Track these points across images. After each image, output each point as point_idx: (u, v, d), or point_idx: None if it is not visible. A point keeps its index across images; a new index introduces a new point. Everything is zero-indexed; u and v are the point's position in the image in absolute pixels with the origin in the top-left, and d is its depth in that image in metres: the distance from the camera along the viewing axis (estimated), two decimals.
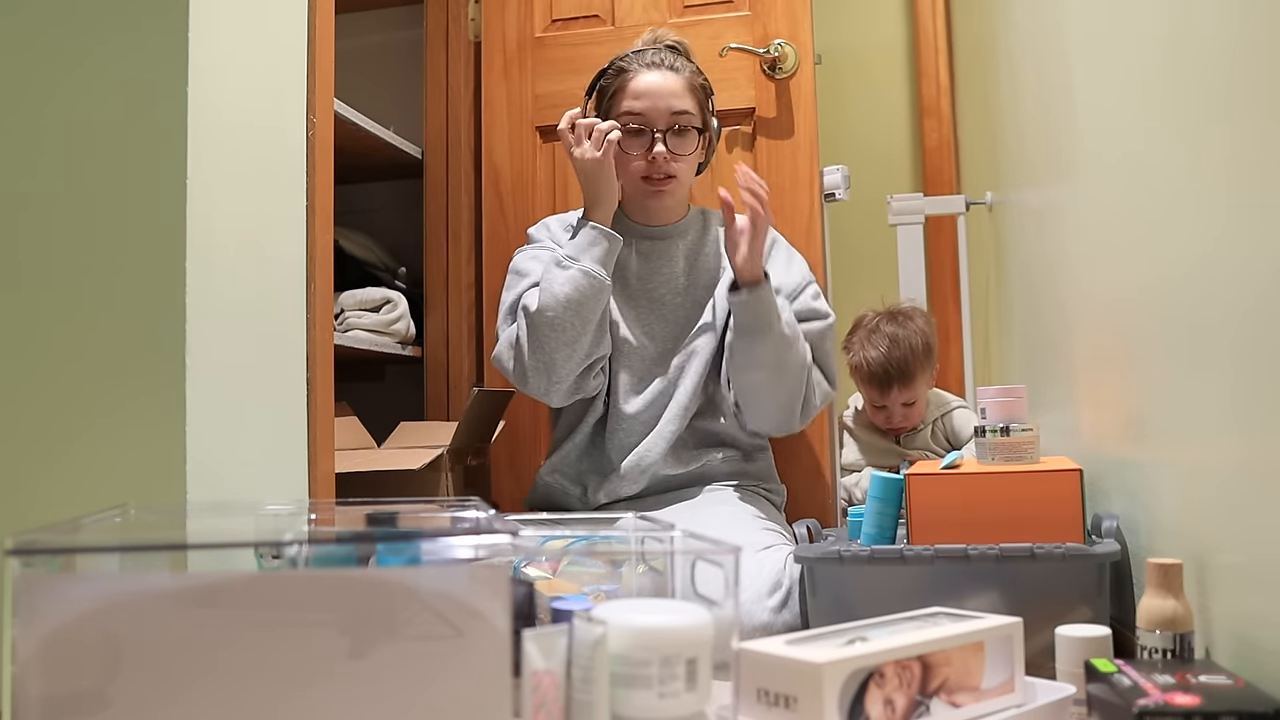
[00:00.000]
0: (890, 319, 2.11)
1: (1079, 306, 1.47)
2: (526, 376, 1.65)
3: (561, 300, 1.60)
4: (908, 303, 2.22)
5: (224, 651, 0.77)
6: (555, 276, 1.62)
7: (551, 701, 0.85)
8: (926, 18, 2.88)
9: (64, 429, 1.25)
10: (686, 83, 1.73)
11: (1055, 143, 1.58)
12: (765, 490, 1.80)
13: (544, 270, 1.65)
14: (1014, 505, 1.23)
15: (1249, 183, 0.87)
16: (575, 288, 1.61)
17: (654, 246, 1.78)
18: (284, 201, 1.45)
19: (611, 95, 1.73)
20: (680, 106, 1.71)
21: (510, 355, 1.67)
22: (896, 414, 2.10)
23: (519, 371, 1.66)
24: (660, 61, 1.73)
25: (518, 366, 1.66)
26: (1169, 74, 1.05)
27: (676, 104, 1.71)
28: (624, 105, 1.71)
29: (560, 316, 1.60)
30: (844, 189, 2.22)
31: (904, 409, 2.09)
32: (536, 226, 1.83)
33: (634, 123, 1.70)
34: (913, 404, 2.08)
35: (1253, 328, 0.87)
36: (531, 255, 1.73)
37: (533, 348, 1.62)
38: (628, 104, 1.70)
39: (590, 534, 1.23)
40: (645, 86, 1.71)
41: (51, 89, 1.28)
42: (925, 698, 0.93)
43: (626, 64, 1.73)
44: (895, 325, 2.10)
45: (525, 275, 1.71)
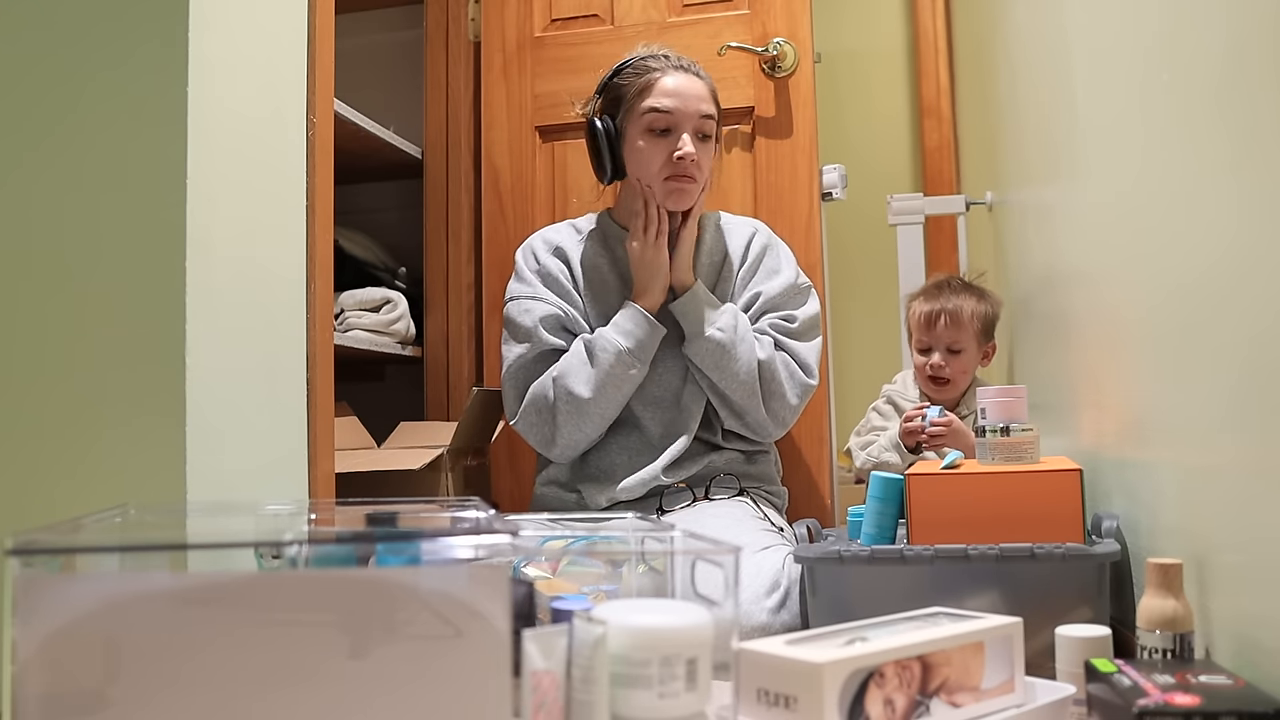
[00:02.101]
0: (964, 283, 2.09)
1: (1079, 306, 1.47)
2: (553, 447, 1.69)
3: (619, 399, 1.67)
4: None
5: (224, 651, 0.77)
6: (615, 370, 1.65)
7: (551, 701, 0.85)
8: (926, 18, 2.88)
9: (64, 429, 1.25)
10: (710, 89, 1.74)
11: (1055, 143, 1.58)
12: (767, 492, 1.80)
13: (600, 355, 1.65)
14: (1014, 505, 1.23)
15: (1250, 182, 0.87)
16: (631, 386, 1.68)
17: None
18: (284, 201, 1.45)
19: (636, 93, 1.71)
20: (707, 110, 1.72)
21: (539, 423, 1.69)
22: (940, 356, 2.00)
23: (545, 441, 1.70)
24: (687, 66, 1.74)
25: (545, 435, 1.69)
26: (1170, 73, 1.05)
27: (704, 107, 1.71)
28: (651, 102, 1.69)
29: (609, 410, 1.67)
30: (841, 188, 2.22)
31: (950, 355, 2.00)
32: (523, 252, 1.82)
33: (662, 122, 1.69)
34: (959, 353, 2.00)
35: (1253, 328, 0.87)
36: (525, 308, 1.73)
37: (571, 429, 1.66)
38: (656, 101, 1.69)
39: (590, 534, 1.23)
40: (675, 86, 1.70)
41: (51, 89, 1.28)
42: (925, 698, 0.93)
43: (653, 64, 1.72)
44: (964, 283, 2.08)
45: (528, 338, 1.71)
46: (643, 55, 1.74)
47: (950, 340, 2.01)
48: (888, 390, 2.17)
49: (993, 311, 2.04)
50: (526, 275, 1.78)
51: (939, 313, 2.00)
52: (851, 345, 2.75)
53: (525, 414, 1.70)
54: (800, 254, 2.17)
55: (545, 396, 1.68)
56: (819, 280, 2.15)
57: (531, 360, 1.71)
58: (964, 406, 2.05)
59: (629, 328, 1.67)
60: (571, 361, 1.67)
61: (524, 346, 1.71)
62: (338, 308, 2.24)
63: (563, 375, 1.66)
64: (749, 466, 1.79)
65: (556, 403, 1.66)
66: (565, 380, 1.66)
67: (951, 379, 2.02)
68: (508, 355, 1.73)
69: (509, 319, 1.75)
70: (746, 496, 1.73)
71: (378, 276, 2.39)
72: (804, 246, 2.12)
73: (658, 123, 1.69)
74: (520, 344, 1.72)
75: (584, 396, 1.64)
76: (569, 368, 1.67)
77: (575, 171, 2.26)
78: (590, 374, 1.65)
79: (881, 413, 2.13)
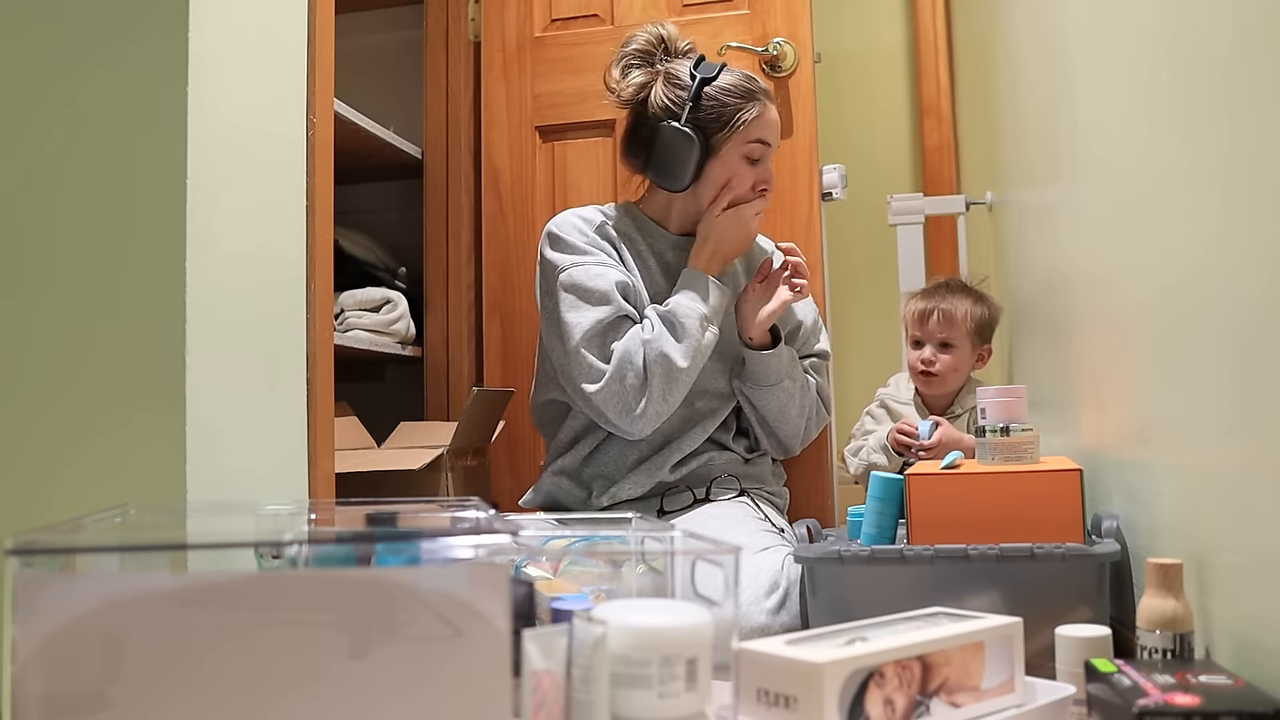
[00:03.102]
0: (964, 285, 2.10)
1: (1079, 306, 1.47)
2: (637, 418, 1.63)
3: (702, 363, 1.67)
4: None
5: (224, 651, 0.77)
6: (703, 339, 1.65)
7: (551, 701, 0.85)
8: (926, 18, 2.88)
9: (64, 429, 1.25)
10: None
11: (1055, 143, 1.58)
12: (768, 493, 1.80)
13: (685, 323, 1.64)
14: (1014, 505, 1.23)
15: (1250, 182, 0.87)
16: (710, 350, 1.68)
17: (684, 257, 1.76)
18: (284, 201, 1.45)
19: (747, 120, 1.70)
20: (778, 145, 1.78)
21: (623, 392, 1.62)
22: (930, 350, 2.01)
23: (627, 410, 1.63)
24: (773, 98, 1.77)
25: (628, 405, 1.62)
26: (1170, 73, 1.05)
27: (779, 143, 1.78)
28: (761, 135, 1.72)
29: (693, 380, 1.67)
30: (841, 188, 2.22)
31: (941, 350, 2.01)
32: (562, 227, 1.75)
33: (758, 153, 1.73)
34: (950, 349, 2.01)
35: (1253, 327, 0.87)
36: (597, 273, 1.68)
37: (662, 398, 1.63)
38: (764, 134, 1.72)
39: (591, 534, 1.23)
40: (773, 122, 1.75)
41: (51, 90, 1.28)
42: (925, 698, 0.93)
43: (758, 93, 1.73)
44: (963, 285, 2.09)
45: (605, 300, 1.66)
46: (744, 81, 1.73)
47: (943, 336, 2.02)
48: (881, 393, 2.18)
49: (989, 315, 2.05)
50: (580, 245, 1.72)
51: (932, 309, 2.02)
52: (851, 345, 2.75)
53: (611, 381, 1.62)
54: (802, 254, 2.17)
55: (633, 363, 1.62)
56: (819, 281, 2.15)
57: (609, 324, 1.65)
58: (958, 406, 2.06)
59: (703, 294, 1.67)
60: (659, 330, 1.63)
61: (603, 310, 1.65)
62: (338, 308, 2.24)
63: (656, 341, 1.62)
64: (748, 468, 1.79)
65: (651, 369, 1.61)
66: (661, 346, 1.62)
67: (941, 374, 2.02)
68: (579, 321, 1.65)
69: (578, 284, 1.67)
70: (747, 497, 1.73)
71: (378, 276, 2.39)
72: (804, 246, 2.12)
73: (756, 153, 1.73)
74: (597, 306, 1.65)
75: (681, 365, 1.62)
76: (659, 336, 1.63)
77: (575, 171, 2.26)
78: (682, 343, 1.63)
79: (874, 416, 2.14)
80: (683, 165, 1.70)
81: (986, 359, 2.07)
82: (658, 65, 1.75)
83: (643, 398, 1.62)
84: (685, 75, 1.72)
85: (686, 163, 1.70)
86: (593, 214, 1.79)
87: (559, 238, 1.73)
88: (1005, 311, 2.10)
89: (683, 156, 1.70)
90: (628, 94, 1.74)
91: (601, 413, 1.64)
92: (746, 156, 1.72)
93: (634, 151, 1.77)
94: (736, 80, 1.72)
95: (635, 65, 1.77)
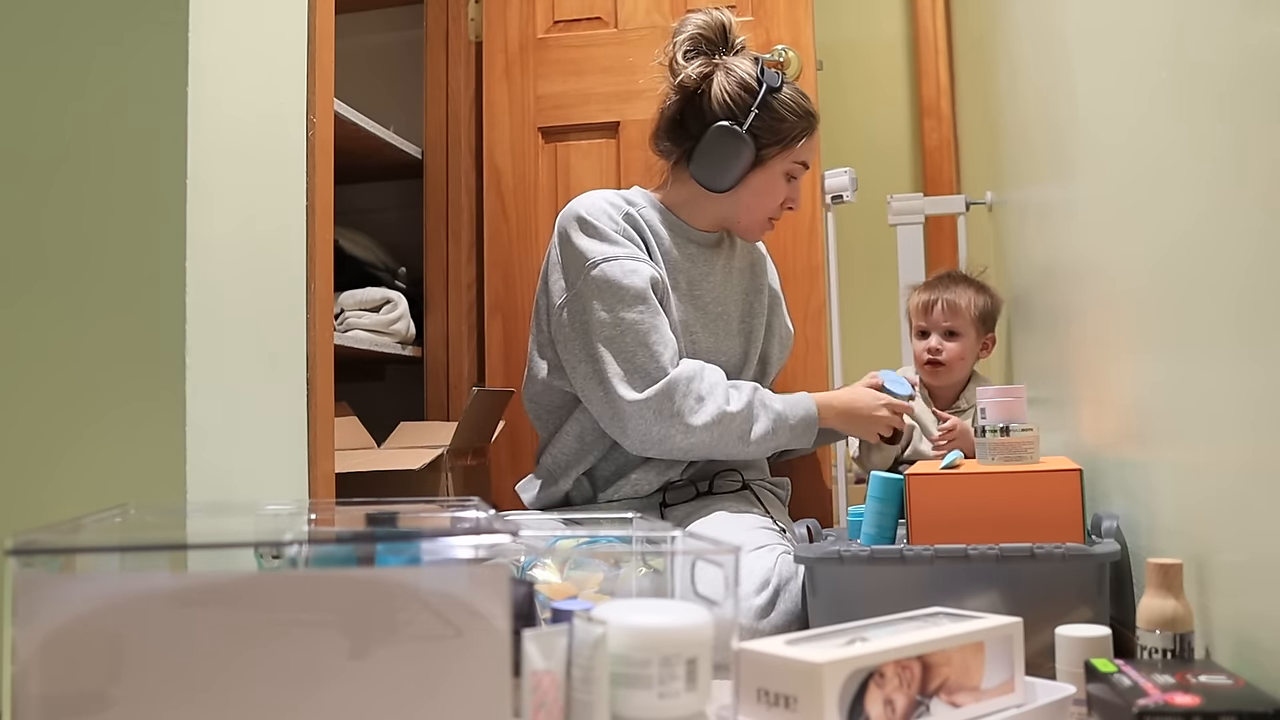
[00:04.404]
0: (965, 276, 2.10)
1: (1079, 306, 1.47)
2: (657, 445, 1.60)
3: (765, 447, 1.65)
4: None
5: (224, 652, 0.77)
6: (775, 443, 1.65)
7: (551, 701, 0.85)
8: (926, 17, 2.88)
9: (64, 429, 1.25)
10: None
11: (1055, 142, 1.58)
12: (770, 484, 1.80)
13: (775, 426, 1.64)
14: (1014, 505, 1.23)
15: (1250, 183, 0.87)
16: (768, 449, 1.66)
17: (699, 252, 1.75)
18: (284, 201, 1.45)
19: (801, 140, 1.70)
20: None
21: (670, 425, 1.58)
22: (936, 339, 2.01)
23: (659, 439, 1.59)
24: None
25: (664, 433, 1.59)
26: (1171, 72, 1.05)
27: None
28: (806, 157, 1.73)
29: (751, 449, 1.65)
30: (851, 191, 2.22)
31: (946, 339, 2.01)
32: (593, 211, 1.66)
33: (799, 173, 1.73)
34: (956, 337, 2.01)
35: (1253, 328, 0.87)
36: (631, 269, 1.62)
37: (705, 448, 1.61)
38: (805, 156, 1.73)
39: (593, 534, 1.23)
40: (817, 145, 1.77)
41: (51, 90, 1.28)
42: (925, 698, 0.93)
43: (813, 115, 1.72)
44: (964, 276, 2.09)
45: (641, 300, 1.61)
46: (804, 100, 1.72)
47: (948, 325, 2.02)
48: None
49: (992, 304, 2.05)
50: (611, 234, 1.65)
51: (936, 299, 2.02)
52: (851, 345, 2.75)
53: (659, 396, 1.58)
54: (803, 257, 2.17)
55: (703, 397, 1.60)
56: (822, 283, 2.15)
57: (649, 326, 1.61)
58: (964, 400, 2.06)
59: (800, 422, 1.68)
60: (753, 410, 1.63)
61: (640, 310, 1.60)
62: (338, 308, 2.24)
63: (745, 411, 1.62)
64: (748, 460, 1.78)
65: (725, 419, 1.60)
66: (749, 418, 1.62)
67: (948, 363, 2.02)
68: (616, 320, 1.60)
69: (611, 281, 1.60)
70: (749, 490, 1.73)
71: (378, 276, 2.39)
72: (806, 249, 2.13)
73: (797, 172, 1.73)
74: (634, 308, 1.60)
75: (752, 436, 1.63)
76: (758, 406, 1.64)
77: (578, 173, 2.26)
78: (754, 429, 1.62)
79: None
80: (731, 169, 1.68)
81: (991, 348, 2.07)
82: (718, 57, 1.70)
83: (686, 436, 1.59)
84: (749, 77, 1.67)
85: (735, 167, 1.67)
86: (618, 199, 1.72)
87: (589, 223, 1.65)
88: (1006, 311, 2.10)
89: (734, 160, 1.67)
90: (691, 81, 1.68)
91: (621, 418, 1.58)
92: (788, 174, 1.72)
93: (677, 139, 1.72)
94: (799, 98, 1.71)
95: (696, 52, 1.70)
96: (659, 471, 1.67)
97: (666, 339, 1.61)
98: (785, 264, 2.07)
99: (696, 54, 1.70)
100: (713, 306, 1.74)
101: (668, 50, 1.72)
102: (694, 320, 1.72)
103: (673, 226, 1.74)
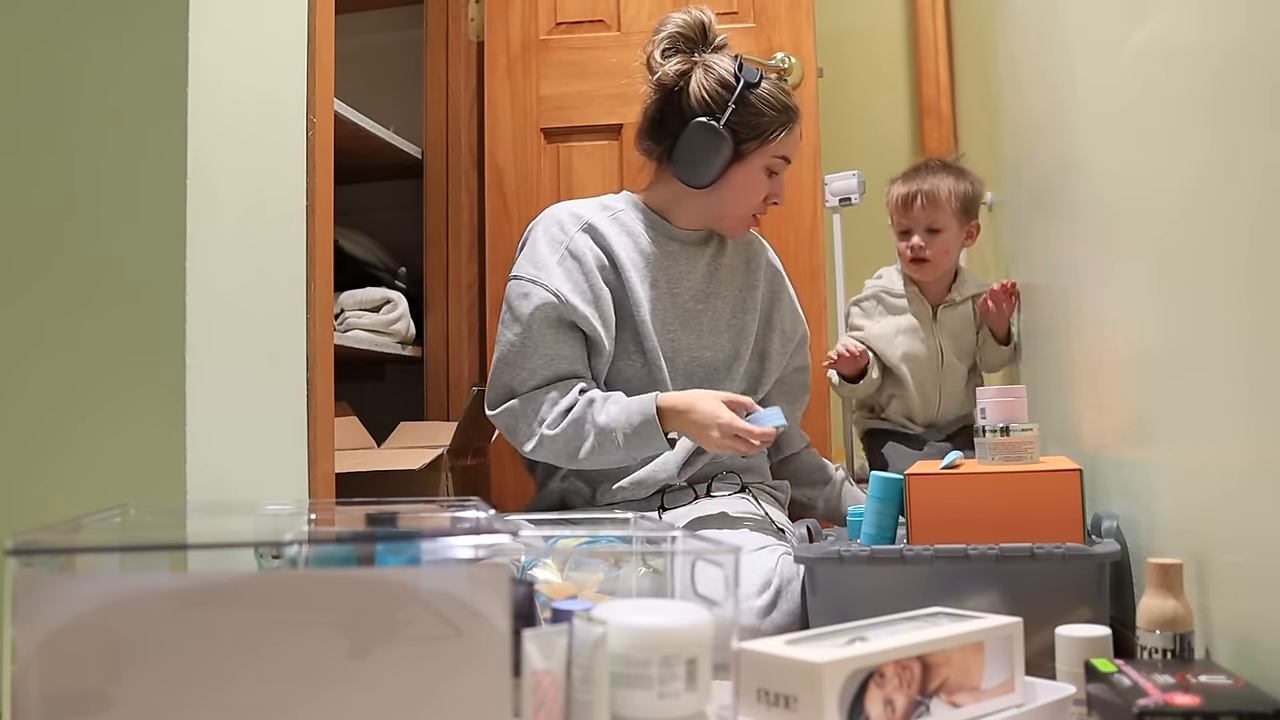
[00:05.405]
0: (943, 163, 2.07)
1: (1079, 306, 1.47)
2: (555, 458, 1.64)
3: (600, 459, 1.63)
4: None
5: (224, 651, 0.77)
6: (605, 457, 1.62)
7: (551, 701, 0.85)
8: (926, 17, 2.88)
9: (64, 429, 1.25)
10: None
11: (1055, 142, 1.58)
12: (769, 487, 1.80)
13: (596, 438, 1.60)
14: (1014, 505, 1.23)
15: (1251, 183, 0.87)
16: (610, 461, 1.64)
17: (682, 250, 1.75)
18: (284, 202, 1.45)
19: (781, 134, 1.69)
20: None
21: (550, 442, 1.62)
22: (919, 236, 1.99)
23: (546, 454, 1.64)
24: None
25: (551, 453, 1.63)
26: (1171, 72, 1.05)
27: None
28: (787, 151, 1.72)
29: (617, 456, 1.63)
30: (859, 194, 2.21)
31: (929, 235, 1.99)
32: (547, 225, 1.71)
33: (779, 167, 1.72)
34: (938, 233, 1.99)
35: (1253, 328, 0.87)
36: (524, 291, 1.66)
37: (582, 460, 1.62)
38: (786, 150, 1.72)
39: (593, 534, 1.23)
40: (799, 140, 1.76)
41: (52, 90, 1.28)
42: (925, 698, 0.93)
43: (793, 110, 1.71)
44: (942, 164, 2.06)
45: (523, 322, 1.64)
46: (783, 95, 1.71)
47: (929, 220, 1.99)
48: (872, 285, 2.13)
49: (972, 190, 2.03)
50: (540, 253, 1.69)
51: (915, 193, 2.00)
52: None
53: (505, 414, 1.66)
54: (804, 260, 2.17)
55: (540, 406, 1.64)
56: (823, 284, 2.16)
57: (518, 350, 1.65)
58: (956, 293, 2.05)
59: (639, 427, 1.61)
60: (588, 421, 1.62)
61: (515, 331, 1.65)
62: (338, 308, 2.24)
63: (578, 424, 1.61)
64: (748, 462, 1.78)
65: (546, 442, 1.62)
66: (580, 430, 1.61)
67: (932, 259, 2.00)
68: (500, 336, 1.68)
69: (508, 298, 1.69)
70: (748, 493, 1.73)
71: (378, 276, 2.39)
72: (808, 252, 2.13)
73: (778, 167, 1.72)
74: (512, 328, 1.66)
75: (576, 460, 1.63)
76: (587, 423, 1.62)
77: (581, 173, 2.26)
78: (589, 447, 1.62)
79: (865, 310, 2.10)
80: (710, 165, 1.68)
81: (975, 236, 2.05)
82: (697, 55, 1.71)
83: (523, 443, 1.64)
84: (727, 74, 1.67)
85: (714, 163, 1.68)
86: (588, 208, 1.74)
87: (533, 239, 1.72)
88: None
89: (712, 156, 1.68)
90: (668, 79, 1.69)
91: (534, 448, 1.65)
92: (768, 169, 1.71)
93: (657, 138, 1.73)
94: (778, 93, 1.70)
95: (675, 50, 1.71)
96: (655, 473, 1.68)
97: (533, 363, 1.64)
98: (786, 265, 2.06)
99: (675, 52, 1.71)
100: (693, 304, 1.74)
101: (646, 49, 1.74)
102: (673, 318, 1.72)
103: (654, 226, 1.75)
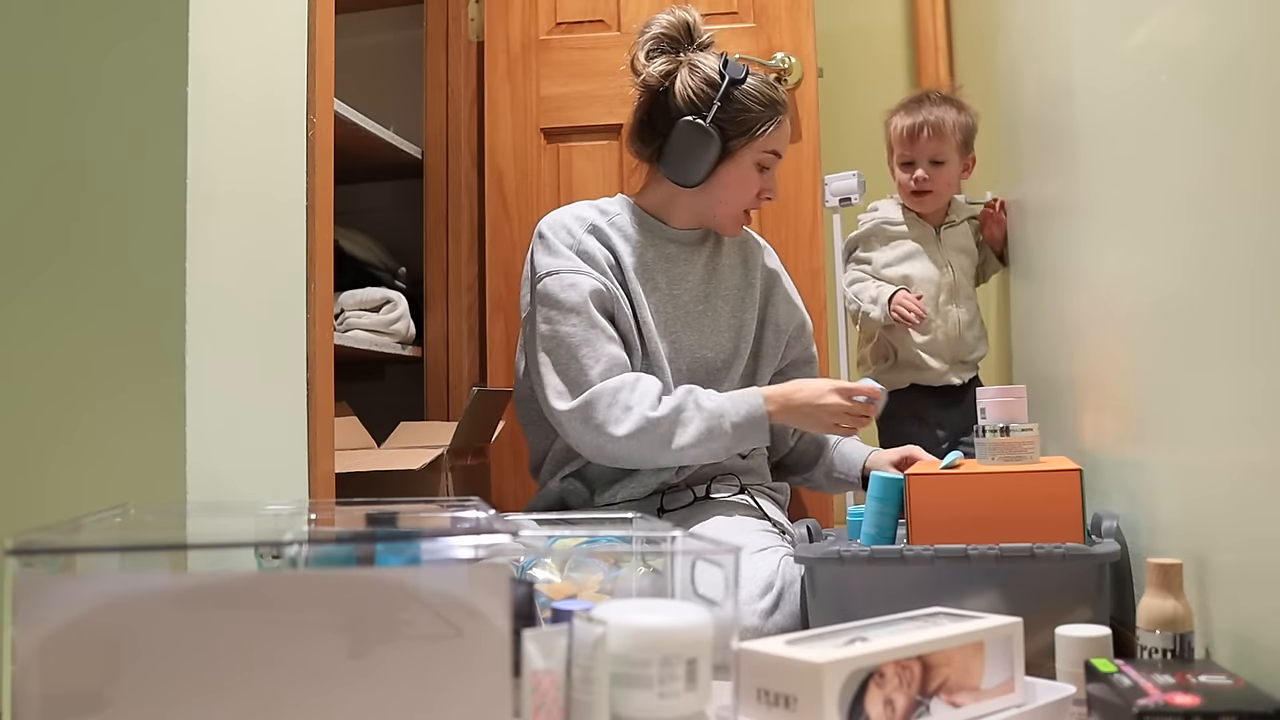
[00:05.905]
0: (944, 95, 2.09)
1: (1079, 306, 1.47)
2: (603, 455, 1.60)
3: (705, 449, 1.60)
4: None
5: (224, 652, 0.77)
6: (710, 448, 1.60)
7: (551, 701, 0.85)
8: (926, 17, 2.88)
9: (64, 429, 1.25)
10: None
11: (1056, 142, 1.58)
12: (768, 488, 1.80)
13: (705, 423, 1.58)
14: (1014, 505, 1.23)
15: (1251, 183, 0.87)
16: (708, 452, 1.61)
17: (679, 250, 1.75)
18: (284, 202, 1.45)
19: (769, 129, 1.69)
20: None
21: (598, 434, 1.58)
22: (923, 168, 2.01)
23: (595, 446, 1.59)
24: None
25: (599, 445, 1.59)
26: (1172, 71, 1.05)
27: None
28: (777, 146, 1.72)
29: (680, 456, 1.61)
30: (860, 194, 2.22)
31: (933, 167, 2.01)
32: (553, 227, 1.71)
33: (771, 162, 1.72)
34: (941, 165, 2.01)
35: (1253, 328, 0.87)
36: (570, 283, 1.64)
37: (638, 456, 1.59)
38: (780, 146, 1.72)
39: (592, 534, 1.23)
40: (788, 134, 1.75)
41: (52, 90, 1.28)
42: (925, 698, 0.93)
43: (780, 104, 1.71)
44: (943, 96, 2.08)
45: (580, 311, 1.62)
46: (770, 90, 1.70)
47: (933, 152, 2.01)
48: (869, 219, 2.12)
49: (972, 122, 2.05)
50: (561, 249, 1.68)
51: (921, 125, 2.01)
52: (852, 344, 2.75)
53: (584, 406, 1.59)
54: (804, 260, 2.17)
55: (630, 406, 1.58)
56: (823, 285, 2.16)
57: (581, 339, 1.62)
58: (953, 215, 2.08)
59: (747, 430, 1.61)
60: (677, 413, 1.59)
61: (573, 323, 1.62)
62: (338, 308, 2.24)
63: (681, 410, 1.59)
64: (747, 463, 1.78)
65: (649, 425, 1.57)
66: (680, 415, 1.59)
67: (935, 191, 2.03)
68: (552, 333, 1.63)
69: (550, 295, 1.65)
70: (746, 494, 1.73)
71: (378, 276, 2.39)
72: (808, 253, 2.13)
73: (768, 162, 1.72)
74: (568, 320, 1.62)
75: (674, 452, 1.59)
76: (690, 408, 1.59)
77: (581, 174, 2.26)
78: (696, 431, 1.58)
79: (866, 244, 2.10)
80: (698, 163, 1.68)
81: (972, 168, 2.07)
82: (682, 54, 1.71)
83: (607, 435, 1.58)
84: (712, 71, 1.68)
85: (702, 161, 1.68)
86: (588, 211, 1.75)
87: (545, 238, 1.71)
88: (1006, 312, 2.10)
89: (700, 154, 1.68)
90: (653, 80, 1.69)
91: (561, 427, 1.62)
92: (759, 164, 1.71)
93: (647, 139, 1.73)
94: (763, 88, 1.70)
95: (660, 51, 1.72)
96: (654, 475, 1.68)
97: (601, 352, 1.62)
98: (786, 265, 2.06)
99: (660, 53, 1.71)
100: (694, 304, 1.74)
101: (631, 50, 1.74)
102: (674, 319, 1.72)
103: (650, 228, 1.75)
